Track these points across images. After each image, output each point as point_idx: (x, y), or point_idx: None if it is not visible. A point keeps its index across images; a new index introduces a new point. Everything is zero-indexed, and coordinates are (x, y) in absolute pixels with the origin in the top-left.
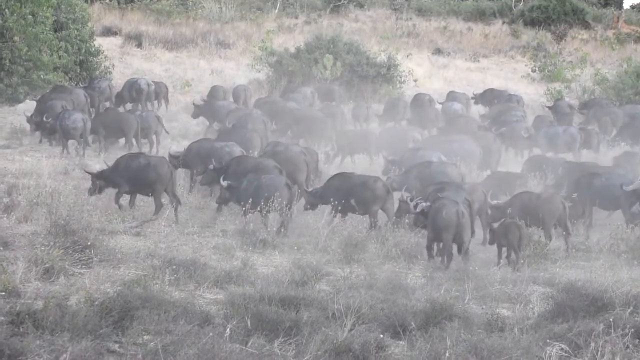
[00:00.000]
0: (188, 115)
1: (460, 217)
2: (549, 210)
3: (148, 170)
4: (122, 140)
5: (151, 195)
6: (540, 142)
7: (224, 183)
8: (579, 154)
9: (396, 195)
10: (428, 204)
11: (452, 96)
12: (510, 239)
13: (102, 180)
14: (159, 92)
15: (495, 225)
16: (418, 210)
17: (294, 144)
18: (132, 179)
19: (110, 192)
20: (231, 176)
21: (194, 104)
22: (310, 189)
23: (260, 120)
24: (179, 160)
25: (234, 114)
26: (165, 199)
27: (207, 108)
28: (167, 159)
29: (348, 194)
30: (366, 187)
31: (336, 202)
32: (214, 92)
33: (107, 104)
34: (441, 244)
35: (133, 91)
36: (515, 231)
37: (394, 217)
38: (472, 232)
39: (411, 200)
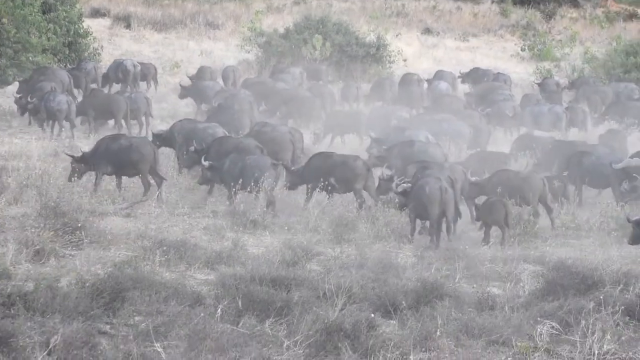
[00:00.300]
0: (177, 97)
1: (444, 194)
2: (528, 188)
3: (131, 151)
4: (112, 122)
5: (135, 176)
6: (526, 120)
7: (205, 163)
8: (565, 132)
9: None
10: (409, 184)
11: (439, 75)
12: (495, 217)
13: (83, 163)
14: (148, 74)
15: (481, 202)
16: (400, 190)
17: (281, 124)
18: (115, 160)
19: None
20: (213, 157)
21: (180, 84)
22: (292, 169)
23: (247, 100)
24: (162, 139)
25: (221, 94)
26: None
27: (193, 89)
28: (151, 138)
29: (328, 173)
30: (346, 166)
31: (320, 182)
32: (201, 72)
33: (95, 86)
34: (427, 223)
35: (119, 72)
36: (500, 209)
37: (381, 196)
38: (459, 212)
39: (393, 178)
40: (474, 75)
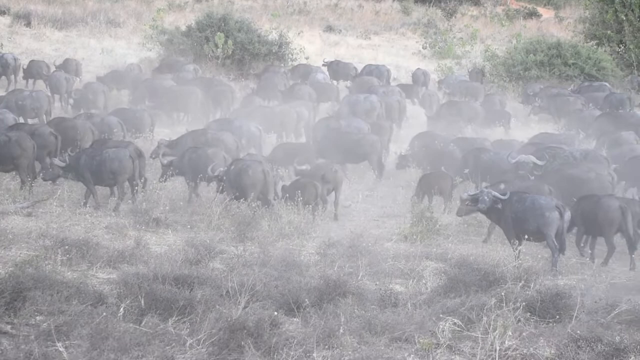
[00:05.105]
0: None
1: (266, 175)
2: (322, 179)
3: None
4: None
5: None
6: (342, 109)
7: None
8: (377, 121)
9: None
10: (224, 168)
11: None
12: (306, 197)
13: None
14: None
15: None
16: (216, 174)
17: (92, 115)
18: None
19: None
20: None
21: (42, 74)
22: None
23: (100, 91)
24: None
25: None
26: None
27: (48, 79)
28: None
29: (100, 165)
30: (114, 157)
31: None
32: (65, 64)
33: None
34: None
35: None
36: (311, 189)
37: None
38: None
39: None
40: (335, 67)
